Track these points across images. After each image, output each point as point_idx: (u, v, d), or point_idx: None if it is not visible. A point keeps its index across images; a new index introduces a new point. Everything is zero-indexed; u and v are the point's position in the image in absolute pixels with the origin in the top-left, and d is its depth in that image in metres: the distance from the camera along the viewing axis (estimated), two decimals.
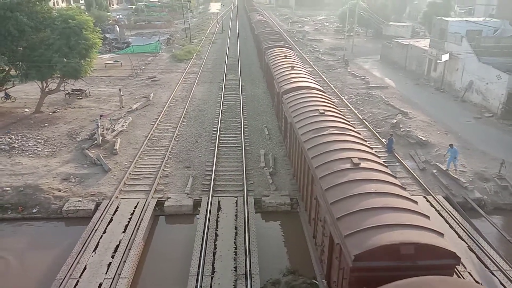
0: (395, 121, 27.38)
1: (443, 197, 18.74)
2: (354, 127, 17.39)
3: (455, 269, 12.42)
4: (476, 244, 15.15)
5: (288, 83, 23.84)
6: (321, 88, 23.46)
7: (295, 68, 27.04)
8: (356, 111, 30.46)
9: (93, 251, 14.58)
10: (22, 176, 20.17)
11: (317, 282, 13.51)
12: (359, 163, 13.04)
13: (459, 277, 13.04)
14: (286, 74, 25.74)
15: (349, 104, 32.06)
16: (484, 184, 19.96)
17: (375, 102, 32.36)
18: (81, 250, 14.58)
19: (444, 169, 20.93)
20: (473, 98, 32.52)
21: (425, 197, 18.55)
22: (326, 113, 18.03)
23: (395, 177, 13.13)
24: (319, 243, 13.30)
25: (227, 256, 14.41)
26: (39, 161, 22.11)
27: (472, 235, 15.75)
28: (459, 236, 15.68)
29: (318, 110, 18.23)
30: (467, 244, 15.19)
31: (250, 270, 13.49)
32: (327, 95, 22.61)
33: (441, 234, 10.04)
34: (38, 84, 29.84)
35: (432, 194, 18.74)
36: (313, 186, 14.46)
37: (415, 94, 35.23)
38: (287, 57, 31.01)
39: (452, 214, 17.17)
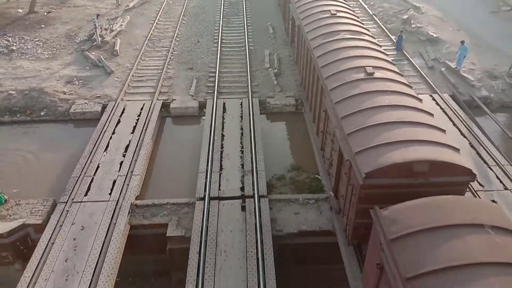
0: (406, 16, 26.08)
1: (449, 95, 18.62)
2: (368, 30, 16.19)
3: (470, 187, 12.49)
4: (478, 141, 15.44)
5: None
6: None
7: None
8: (365, 6, 28.85)
9: (104, 151, 15.08)
10: (26, 80, 20.05)
11: (319, 177, 14.15)
12: (373, 73, 12.12)
13: (474, 195, 12.72)
14: None
15: None
16: (493, 82, 19.68)
17: None
18: (92, 150, 15.06)
19: (453, 67, 20.47)
20: None
21: (431, 96, 18.45)
22: (338, 14, 16.66)
23: (411, 87, 12.14)
24: (328, 156, 12.91)
25: (234, 155, 14.89)
26: (40, 64, 21.77)
27: (475, 132, 15.98)
28: (462, 134, 15.93)
29: (329, 11, 16.96)
30: (469, 141, 15.49)
31: (256, 167, 14.03)
32: None
33: (457, 150, 9.44)
34: None
35: (439, 92, 18.61)
36: (322, 98, 13.72)
37: None
38: None
39: (457, 112, 17.23)
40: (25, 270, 10.47)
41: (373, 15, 27.24)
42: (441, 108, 17.56)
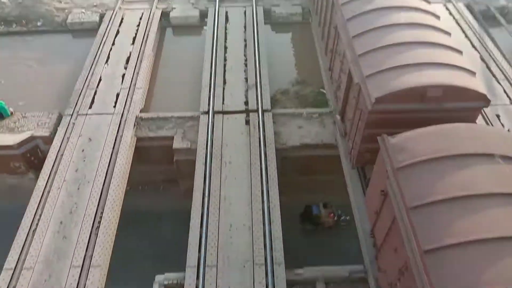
0: None
1: (464, 4, 17.66)
2: None
3: (483, 113, 11.95)
4: (489, 54, 14.99)
5: None
6: None
7: None
8: None
9: (105, 63, 14.81)
10: None
11: (324, 91, 14.04)
12: None
13: (486, 121, 12.14)
14: None
15: None
16: None
17: None
18: (93, 62, 14.78)
19: None
20: None
21: (445, 5, 17.50)
22: None
23: (429, 2, 11.26)
24: (336, 78, 12.21)
25: (238, 68, 14.62)
26: None
27: (487, 45, 15.44)
28: (473, 46, 15.40)
29: None
30: (479, 54, 15.03)
31: (260, 81, 13.86)
32: None
33: (473, 74, 8.97)
34: None
35: (453, 2, 17.62)
36: (332, 13, 12.76)
37: None
38: None
39: (470, 23, 16.48)
40: (38, 179, 10.93)
41: None
42: (454, 18, 16.76)
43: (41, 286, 8.79)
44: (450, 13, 17.04)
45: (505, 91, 13.47)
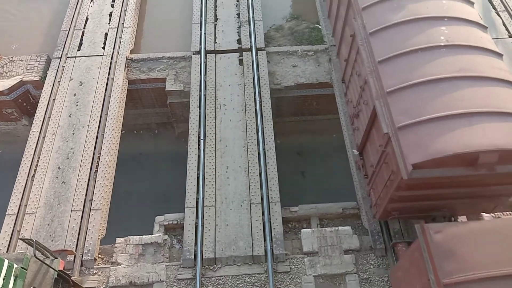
0: None
1: None
2: None
3: None
4: None
5: None
6: None
7: None
8: None
9: (91, 1, 14.11)
10: None
11: (319, 26, 13.59)
12: None
13: None
14: None
15: None
16: None
17: None
18: (78, 0, 14.09)
19: None
20: None
21: None
22: None
23: (473, 4, 8.79)
24: (351, 98, 10.04)
25: (229, 3, 13.95)
26: None
27: None
28: None
29: None
30: None
31: (253, 17, 13.33)
32: None
33: None
34: None
35: None
36: (348, 11, 9.92)
37: None
38: None
39: None
40: (32, 125, 10.89)
41: None
42: None
43: (44, 229, 9.12)
44: None
45: (504, 23, 13.11)
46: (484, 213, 8.83)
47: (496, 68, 7.44)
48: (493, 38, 10.83)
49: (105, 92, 11.56)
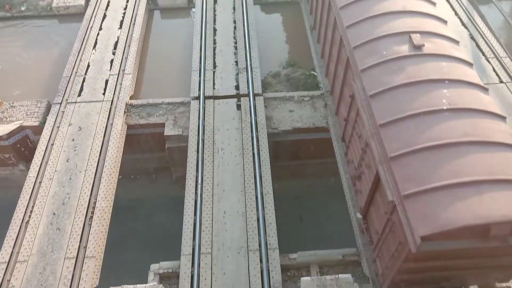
0: None
1: None
2: None
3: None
4: (478, 32, 14.90)
5: None
6: None
7: None
8: None
9: (93, 49, 14.52)
10: None
11: (315, 73, 13.94)
12: (423, 44, 8.42)
13: None
14: None
15: None
16: None
17: None
18: (80, 48, 14.49)
19: None
20: None
21: None
22: None
23: (472, 65, 8.56)
24: (351, 159, 9.81)
25: (228, 51, 14.42)
26: None
27: (476, 22, 15.33)
28: (463, 23, 15.29)
29: None
30: (469, 31, 14.95)
31: (250, 64, 13.71)
32: None
33: None
34: None
35: None
36: (348, 72, 9.85)
37: None
38: None
39: (460, 1, 16.32)
40: (29, 170, 10.86)
41: None
42: None
43: (36, 279, 8.85)
44: None
45: (494, 70, 13.48)
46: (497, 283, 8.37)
47: (501, 132, 7.20)
48: (485, 84, 11.16)
49: (104, 137, 11.63)
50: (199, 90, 12.87)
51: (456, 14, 15.69)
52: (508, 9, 16.92)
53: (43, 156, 11.16)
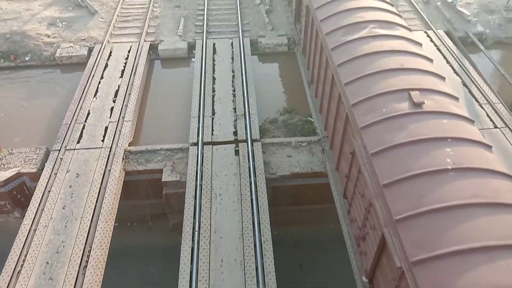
0: None
1: (444, 31, 18.19)
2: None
3: None
4: (470, 79, 15.35)
5: None
6: None
7: None
8: None
9: (94, 97, 14.82)
10: (5, 22, 19.12)
11: (311, 119, 14.16)
12: (423, 102, 8.26)
13: None
14: None
15: None
16: (489, 16, 19.15)
17: None
18: (81, 96, 14.79)
19: (449, 1, 19.79)
20: None
21: (425, 32, 18.01)
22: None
23: (474, 123, 8.44)
24: (354, 218, 9.40)
25: (226, 98, 14.73)
26: (20, 4, 20.66)
27: (468, 70, 15.83)
28: (455, 72, 15.78)
29: None
30: (461, 79, 15.39)
31: (248, 111, 13.96)
32: None
33: None
34: None
35: (433, 28, 18.15)
36: (347, 127, 9.84)
37: None
38: None
39: (451, 49, 16.93)
40: (24, 218, 10.70)
41: None
42: (435, 45, 17.22)
43: None
44: (431, 40, 17.52)
45: (488, 115, 13.73)
46: None
47: (511, 193, 6.90)
48: (480, 129, 11.16)
49: (101, 183, 11.58)
50: (198, 136, 13.00)
51: (448, 62, 16.24)
52: (497, 58, 17.50)
53: (39, 203, 11.04)
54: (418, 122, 8.04)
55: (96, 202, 11.07)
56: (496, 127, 13.31)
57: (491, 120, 13.58)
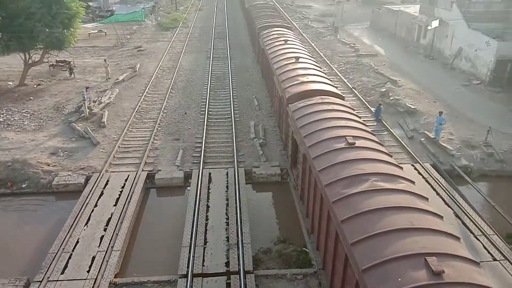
0: (384, 89, 27.35)
1: (431, 164, 19.02)
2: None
3: None
4: (462, 211, 15.52)
5: (298, 88, 17.84)
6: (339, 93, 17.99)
7: (300, 60, 21.14)
8: (345, 80, 30.29)
9: (85, 225, 14.63)
10: (9, 151, 19.89)
11: (307, 250, 13.82)
12: (442, 271, 7.61)
13: None
14: (291, 70, 20.01)
15: (338, 73, 31.81)
16: (471, 151, 20.27)
17: (364, 70, 32.18)
18: (73, 224, 14.60)
19: (432, 137, 21.15)
20: (462, 65, 32.48)
21: (413, 165, 18.80)
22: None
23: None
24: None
25: (219, 227, 14.59)
26: (26, 135, 21.77)
27: (458, 201, 16.12)
28: (446, 203, 16.04)
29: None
30: (453, 210, 15.56)
31: (241, 240, 13.70)
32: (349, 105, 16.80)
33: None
34: (21, 55, 28.99)
35: (420, 162, 19.00)
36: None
37: (405, 62, 35.06)
38: (288, 42, 25.21)
39: (439, 181, 17.49)
40: None
41: (353, 89, 28.49)
42: (423, 177, 17.83)
43: None
44: (419, 173, 18.20)
45: (485, 247, 13.53)
46: None
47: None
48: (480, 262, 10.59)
49: None
50: (188, 267, 12.50)
51: (438, 194, 16.62)
52: (485, 190, 17.97)
53: None
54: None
55: None
56: (495, 259, 13.01)
57: (488, 252, 13.35)
